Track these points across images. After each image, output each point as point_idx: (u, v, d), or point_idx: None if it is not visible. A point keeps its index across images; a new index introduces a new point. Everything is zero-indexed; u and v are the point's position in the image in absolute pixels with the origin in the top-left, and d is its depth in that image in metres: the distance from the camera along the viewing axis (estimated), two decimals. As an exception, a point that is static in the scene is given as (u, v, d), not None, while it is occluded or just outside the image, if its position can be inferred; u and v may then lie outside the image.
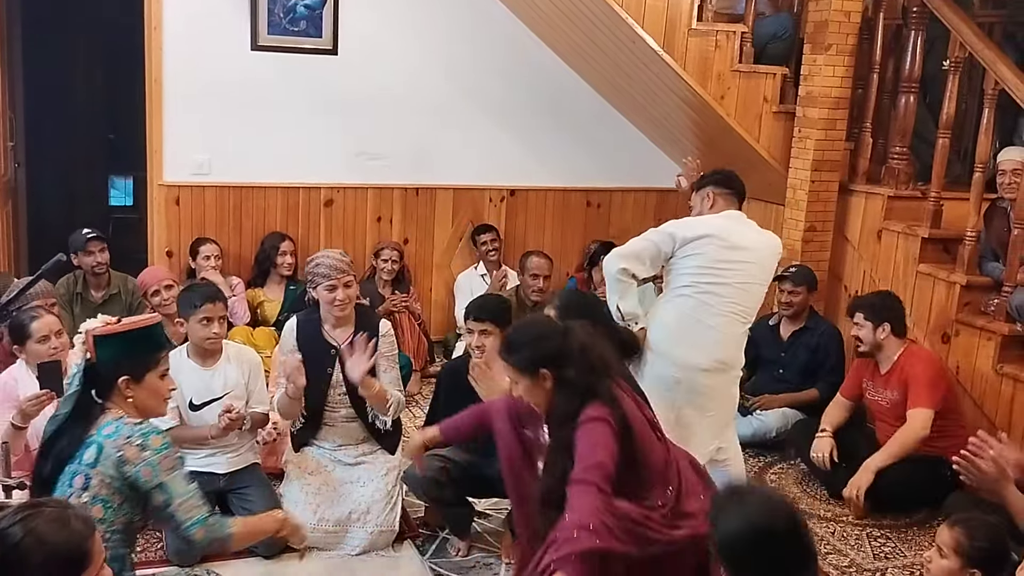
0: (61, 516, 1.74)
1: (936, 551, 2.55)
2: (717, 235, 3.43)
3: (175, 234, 5.37)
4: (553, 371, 2.58)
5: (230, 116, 5.34)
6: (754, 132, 5.10)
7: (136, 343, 2.41)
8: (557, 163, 5.97)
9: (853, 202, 5.02)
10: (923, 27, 4.64)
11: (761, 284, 3.54)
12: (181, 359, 3.52)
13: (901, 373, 4.01)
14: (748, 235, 3.53)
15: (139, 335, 2.42)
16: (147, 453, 2.26)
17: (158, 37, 5.17)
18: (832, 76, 4.78)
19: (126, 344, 2.38)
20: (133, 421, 2.33)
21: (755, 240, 3.53)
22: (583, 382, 2.56)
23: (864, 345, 4.10)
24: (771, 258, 3.60)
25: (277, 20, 5.31)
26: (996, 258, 4.37)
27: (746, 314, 3.50)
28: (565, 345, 2.61)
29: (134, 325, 2.45)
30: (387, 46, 5.55)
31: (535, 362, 2.59)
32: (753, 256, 3.48)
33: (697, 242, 3.42)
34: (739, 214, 3.60)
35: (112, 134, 7.96)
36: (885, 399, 4.07)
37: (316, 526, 3.41)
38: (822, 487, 4.18)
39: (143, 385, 2.41)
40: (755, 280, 3.50)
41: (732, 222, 3.55)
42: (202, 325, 3.47)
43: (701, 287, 3.41)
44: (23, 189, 6.52)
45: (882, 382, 4.09)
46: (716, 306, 3.40)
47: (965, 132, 5.28)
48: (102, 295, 4.75)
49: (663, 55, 4.85)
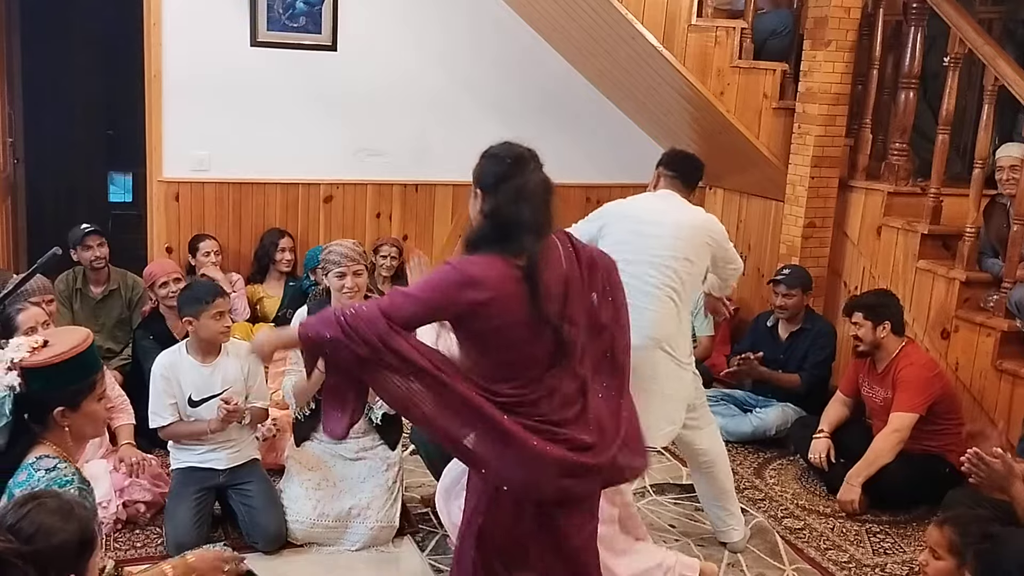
0: (63, 506, 1.75)
1: (929, 553, 2.53)
2: (631, 214, 3.37)
3: (174, 230, 5.37)
4: (484, 194, 2.36)
5: (229, 112, 5.34)
6: (754, 128, 5.10)
7: (69, 372, 2.26)
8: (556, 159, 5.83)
9: (853, 198, 5.02)
10: (923, 23, 4.64)
11: (684, 260, 3.32)
12: (181, 356, 3.53)
13: (895, 373, 4.01)
14: (668, 213, 3.38)
15: (71, 364, 2.26)
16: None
17: (157, 33, 5.17)
18: (832, 72, 4.78)
19: (59, 375, 2.25)
20: (47, 467, 2.20)
21: (674, 217, 3.36)
22: (500, 222, 2.28)
23: (863, 344, 4.08)
24: (696, 235, 3.38)
25: (276, 16, 5.31)
26: (995, 254, 4.38)
27: (673, 292, 3.32)
28: (513, 176, 2.31)
29: (64, 356, 2.27)
30: (386, 43, 5.55)
31: (477, 179, 2.40)
32: (667, 231, 3.31)
33: (613, 223, 3.38)
34: (669, 193, 3.47)
35: (111, 130, 7.95)
36: (879, 397, 4.08)
37: (316, 522, 3.42)
38: (821, 483, 4.19)
39: (80, 412, 2.28)
40: (674, 255, 3.30)
41: (654, 200, 3.46)
42: (215, 320, 3.46)
43: (620, 267, 3.34)
44: (22, 185, 6.52)
45: (877, 380, 4.10)
46: (636, 285, 3.21)
47: (964, 128, 5.28)
48: (101, 291, 4.75)
49: (662, 51, 4.84)
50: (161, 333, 4.12)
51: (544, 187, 2.33)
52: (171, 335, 4.07)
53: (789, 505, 4.02)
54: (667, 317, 3.33)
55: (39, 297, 3.70)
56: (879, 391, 4.08)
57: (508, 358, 2.27)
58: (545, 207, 2.30)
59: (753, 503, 4.01)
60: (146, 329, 4.25)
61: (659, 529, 3.74)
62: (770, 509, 3.97)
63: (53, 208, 7.36)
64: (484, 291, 2.19)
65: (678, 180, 3.52)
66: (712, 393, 4.89)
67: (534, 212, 2.26)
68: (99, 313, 4.72)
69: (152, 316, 4.36)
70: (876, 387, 4.10)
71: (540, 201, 2.29)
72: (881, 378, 4.07)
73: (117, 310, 4.76)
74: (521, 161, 2.33)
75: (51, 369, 2.24)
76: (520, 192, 2.27)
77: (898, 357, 4.03)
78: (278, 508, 3.44)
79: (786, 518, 3.89)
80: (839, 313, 5.02)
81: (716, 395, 4.87)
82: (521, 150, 2.36)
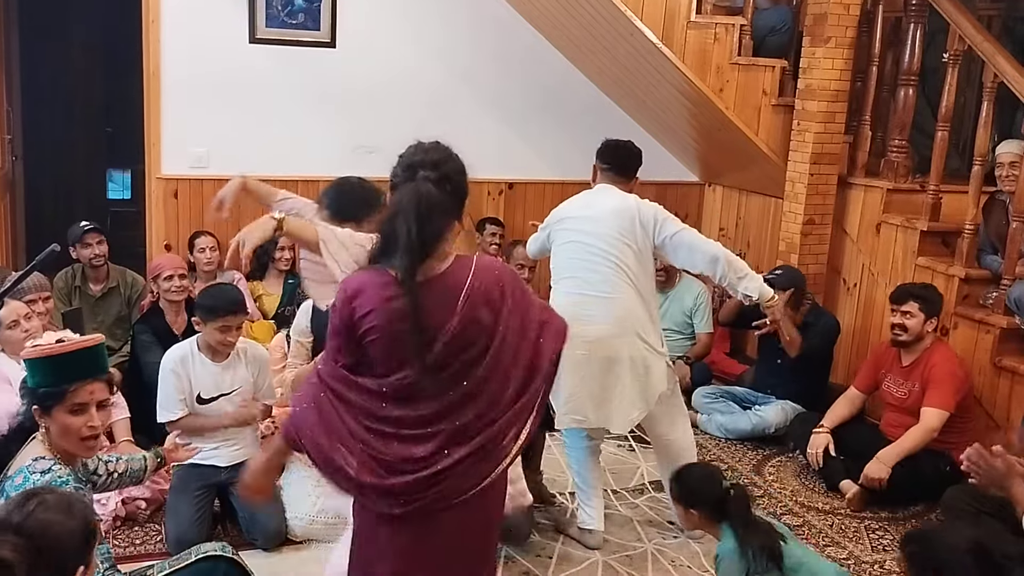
0: (63, 500, 1.77)
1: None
2: (571, 215, 3.47)
3: (173, 227, 5.37)
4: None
5: (228, 109, 5.34)
6: (753, 125, 5.10)
7: (42, 372, 2.26)
8: (556, 156, 5.97)
9: (852, 195, 5.02)
10: (922, 20, 4.64)
11: (624, 245, 3.35)
12: (192, 352, 3.52)
13: (925, 368, 3.95)
14: (601, 204, 3.43)
15: (44, 365, 2.26)
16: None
17: (156, 30, 5.17)
18: (831, 69, 4.78)
19: (34, 371, 2.27)
20: (42, 469, 2.22)
21: (606, 207, 3.41)
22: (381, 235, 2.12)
23: (907, 335, 3.99)
24: (624, 217, 3.38)
25: (275, 13, 5.32)
26: (995, 251, 4.38)
27: (627, 277, 3.35)
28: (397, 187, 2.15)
29: (34, 353, 2.27)
30: (385, 39, 5.55)
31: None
32: (603, 222, 3.37)
33: (557, 228, 3.50)
34: (604, 187, 3.52)
35: (110, 127, 7.93)
36: (903, 391, 4.03)
37: (315, 518, 3.43)
38: (820, 480, 4.19)
39: (51, 418, 2.28)
40: (617, 241, 3.35)
41: (589, 197, 3.51)
42: (219, 331, 3.44)
43: (575, 264, 3.40)
44: (21, 183, 6.52)
45: (903, 374, 4.04)
46: (595, 279, 3.34)
47: (964, 125, 5.28)
48: (100, 288, 4.74)
49: (661, 48, 4.84)
50: (160, 328, 4.12)
51: (423, 201, 2.04)
52: (170, 330, 4.07)
53: (788, 502, 4.03)
54: (633, 303, 3.38)
55: (36, 294, 3.71)
56: (904, 385, 4.02)
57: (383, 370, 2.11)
58: (421, 222, 2.02)
59: (752, 500, 4.01)
60: (145, 324, 4.25)
61: (658, 526, 3.75)
62: (769, 506, 3.97)
63: (52, 205, 7.35)
64: (364, 303, 2.08)
65: (612, 171, 3.56)
66: (711, 390, 4.90)
67: (408, 228, 2.02)
68: (98, 311, 4.72)
69: (151, 311, 4.36)
70: (901, 381, 4.04)
71: (415, 216, 2.02)
72: (908, 372, 4.02)
73: (116, 307, 4.76)
74: (409, 170, 2.12)
75: (29, 364, 2.29)
76: (396, 205, 2.08)
77: (930, 352, 3.98)
78: (278, 505, 3.45)
79: (785, 515, 3.89)
80: (838, 309, 5.04)
81: (715, 392, 4.88)
82: (416, 158, 2.13)
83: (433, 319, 2.06)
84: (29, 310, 3.49)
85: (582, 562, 3.44)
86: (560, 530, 3.64)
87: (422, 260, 2.05)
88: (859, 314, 4.97)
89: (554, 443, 4.03)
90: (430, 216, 2.04)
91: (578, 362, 3.29)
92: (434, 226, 2.05)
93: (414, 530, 2.14)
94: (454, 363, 2.08)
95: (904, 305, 4.02)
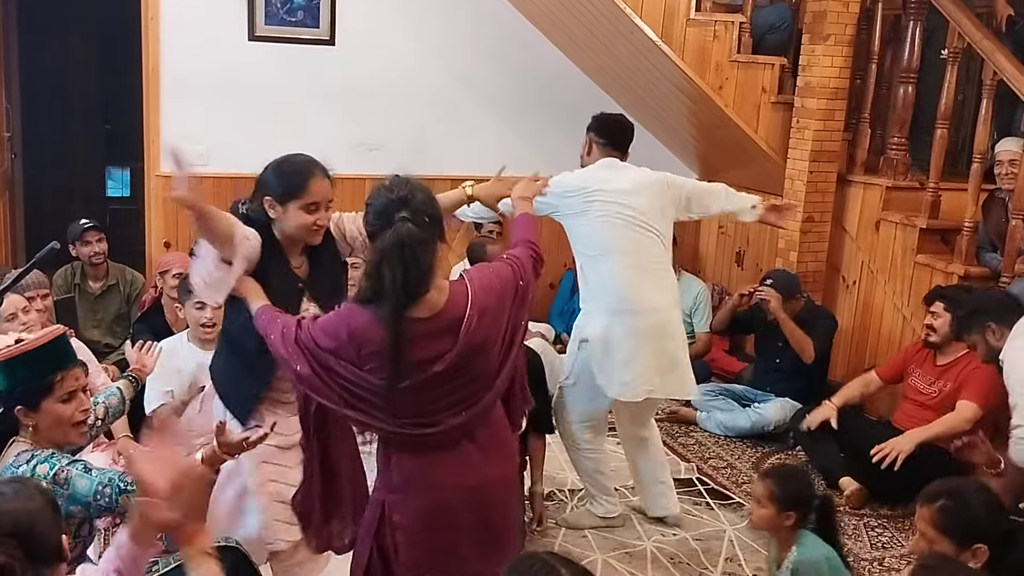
0: (16, 485, 1.74)
1: (755, 503, 2.81)
2: (602, 187, 3.44)
3: (172, 225, 5.36)
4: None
5: (227, 106, 5.33)
6: (752, 123, 5.10)
7: (22, 369, 2.25)
8: (555, 154, 5.93)
9: (851, 193, 5.02)
10: (922, 17, 4.63)
11: (667, 218, 3.52)
12: (181, 343, 3.56)
13: (962, 369, 3.89)
14: (632, 177, 3.51)
15: (21, 363, 2.25)
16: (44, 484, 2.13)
17: (155, 27, 5.16)
18: (830, 67, 4.78)
19: (10, 373, 2.25)
20: (25, 460, 2.22)
21: (639, 180, 3.50)
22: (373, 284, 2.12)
23: (936, 336, 3.97)
24: (661, 193, 3.53)
25: (274, 11, 5.31)
26: (994, 248, 4.38)
27: (669, 252, 3.55)
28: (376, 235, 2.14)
29: (7, 354, 2.26)
30: (384, 37, 5.54)
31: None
32: (646, 197, 3.46)
33: (587, 198, 3.44)
34: (613, 160, 3.55)
35: (109, 124, 7.93)
36: (934, 388, 3.98)
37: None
38: (820, 477, 4.19)
39: (41, 413, 2.28)
40: (662, 217, 3.49)
41: (611, 170, 3.52)
42: (196, 308, 3.52)
43: (623, 237, 3.41)
44: (20, 180, 6.52)
45: (935, 372, 3.98)
46: (648, 254, 3.44)
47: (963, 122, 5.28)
48: (100, 286, 4.75)
49: (661, 45, 4.84)
50: (160, 326, 4.13)
51: (407, 246, 2.06)
52: (170, 329, 4.08)
53: (787, 499, 4.02)
54: (674, 277, 3.64)
55: (34, 291, 3.71)
56: (937, 383, 3.97)
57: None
58: (406, 266, 2.06)
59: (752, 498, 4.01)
60: (145, 322, 4.26)
61: (657, 524, 3.75)
62: (768, 503, 3.97)
63: (51, 203, 7.35)
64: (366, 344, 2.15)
65: (610, 146, 3.58)
66: (711, 388, 4.90)
67: (393, 275, 2.06)
68: (97, 308, 4.72)
69: (152, 309, 4.37)
70: (932, 379, 3.99)
71: (399, 261, 2.05)
72: (942, 371, 3.96)
73: (116, 305, 4.76)
74: (383, 216, 2.13)
75: (4, 366, 2.25)
76: (380, 253, 2.10)
77: (967, 356, 3.88)
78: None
79: (784, 512, 3.89)
80: (837, 307, 5.04)
81: (715, 389, 4.88)
82: (383, 202, 2.15)
83: (432, 351, 2.13)
84: (28, 304, 3.50)
85: (581, 560, 3.43)
86: (576, 527, 3.68)
87: (416, 299, 2.10)
88: (858, 312, 4.97)
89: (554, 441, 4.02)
90: (415, 257, 2.07)
91: (645, 334, 3.41)
92: (421, 264, 2.08)
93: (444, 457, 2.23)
94: (455, 381, 2.17)
95: (932, 306, 4.03)
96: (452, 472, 2.23)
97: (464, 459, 2.24)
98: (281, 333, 2.21)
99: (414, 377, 2.12)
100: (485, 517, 2.29)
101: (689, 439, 4.65)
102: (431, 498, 2.23)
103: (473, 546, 2.28)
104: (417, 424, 2.18)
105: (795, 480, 2.82)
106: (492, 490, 2.31)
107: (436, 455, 2.22)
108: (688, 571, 3.42)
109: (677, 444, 4.57)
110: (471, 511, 2.26)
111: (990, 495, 2.40)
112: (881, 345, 4.77)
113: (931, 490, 2.39)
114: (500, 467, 2.34)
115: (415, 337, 2.11)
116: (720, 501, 3.96)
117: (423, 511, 2.23)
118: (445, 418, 2.19)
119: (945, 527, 2.30)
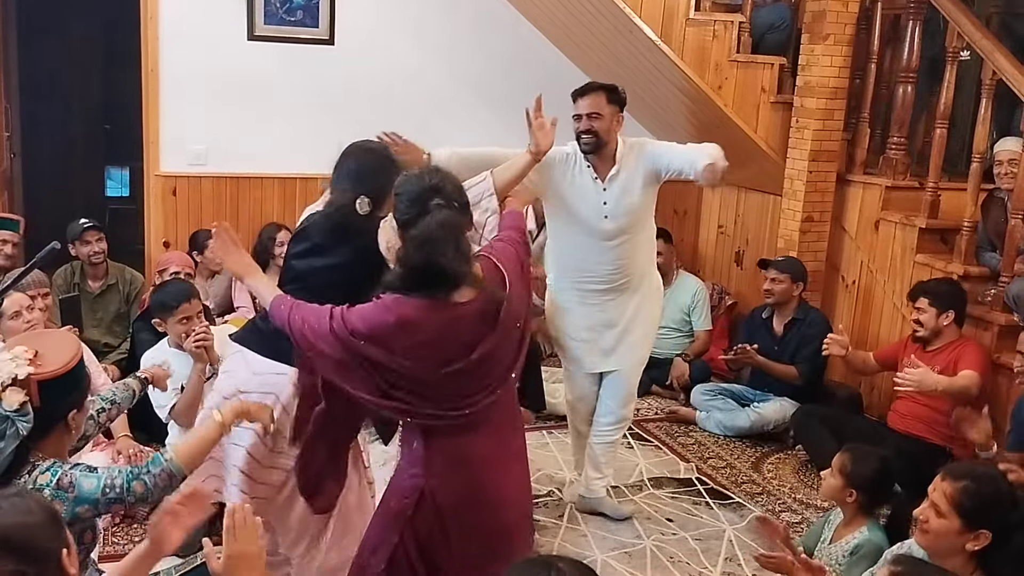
0: (14, 499, 1.73)
1: (829, 471, 2.99)
2: None
3: (172, 225, 5.36)
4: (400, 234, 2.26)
5: (227, 106, 5.33)
6: (752, 122, 5.10)
7: (80, 374, 2.27)
8: (554, 153, 5.96)
9: (851, 192, 5.02)
10: (921, 17, 4.64)
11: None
12: (164, 349, 3.55)
13: (952, 352, 3.92)
14: None
15: (81, 366, 2.28)
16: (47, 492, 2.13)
17: (154, 27, 5.16)
18: (830, 66, 4.78)
19: (73, 380, 2.25)
20: (25, 472, 2.18)
21: None
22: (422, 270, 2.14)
23: (923, 330, 3.99)
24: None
25: (274, 10, 5.31)
26: (993, 248, 4.38)
27: None
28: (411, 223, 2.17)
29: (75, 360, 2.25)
30: (384, 36, 5.54)
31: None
32: None
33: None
34: None
35: (108, 124, 7.93)
36: None
37: (314, 515, 3.42)
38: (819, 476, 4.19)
39: (84, 410, 2.31)
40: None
41: None
42: (180, 324, 3.50)
43: None
44: (19, 180, 6.51)
45: (927, 358, 3.95)
46: None
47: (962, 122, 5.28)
48: (99, 285, 4.74)
49: (660, 45, 4.84)
50: (159, 325, 4.12)
51: (451, 229, 2.12)
52: None
53: (787, 499, 4.03)
54: None
55: (34, 291, 3.72)
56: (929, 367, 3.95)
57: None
58: (456, 248, 2.11)
59: (751, 497, 4.01)
60: (144, 322, 4.24)
61: (656, 523, 3.75)
62: (768, 503, 3.97)
63: (50, 203, 7.33)
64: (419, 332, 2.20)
65: None
66: (710, 387, 4.90)
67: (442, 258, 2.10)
68: (97, 308, 4.72)
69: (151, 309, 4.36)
70: (925, 365, 3.92)
71: (452, 245, 2.11)
72: (933, 356, 3.94)
73: (115, 305, 4.76)
74: (418, 203, 2.17)
75: (68, 375, 2.23)
76: (425, 237, 2.12)
77: (959, 342, 3.94)
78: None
79: (784, 512, 3.90)
80: (836, 307, 5.05)
81: (714, 389, 4.88)
82: (416, 189, 2.18)
83: (476, 333, 2.20)
84: (31, 301, 3.51)
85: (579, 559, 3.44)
86: (592, 511, 3.74)
87: (463, 283, 2.16)
88: (857, 311, 4.97)
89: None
90: (458, 242, 2.13)
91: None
92: (463, 247, 2.14)
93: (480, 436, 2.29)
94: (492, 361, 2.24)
95: (916, 302, 4.04)
96: (488, 448, 2.30)
97: (495, 434, 2.31)
98: (311, 322, 2.20)
99: (462, 361, 2.17)
100: (516, 488, 2.39)
101: (688, 439, 4.65)
102: (474, 475, 2.28)
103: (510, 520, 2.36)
104: (459, 407, 2.22)
105: (868, 463, 2.96)
106: (515, 461, 2.41)
107: (473, 434, 2.27)
108: (687, 571, 3.42)
109: (676, 444, 4.57)
110: (506, 486, 2.34)
111: (1011, 487, 2.45)
112: (880, 344, 4.76)
113: (957, 468, 2.45)
114: (519, 438, 2.46)
115: (463, 320, 2.16)
116: (719, 501, 3.97)
117: (467, 490, 2.28)
118: (482, 398, 2.24)
119: (961, 506, 2.34)
